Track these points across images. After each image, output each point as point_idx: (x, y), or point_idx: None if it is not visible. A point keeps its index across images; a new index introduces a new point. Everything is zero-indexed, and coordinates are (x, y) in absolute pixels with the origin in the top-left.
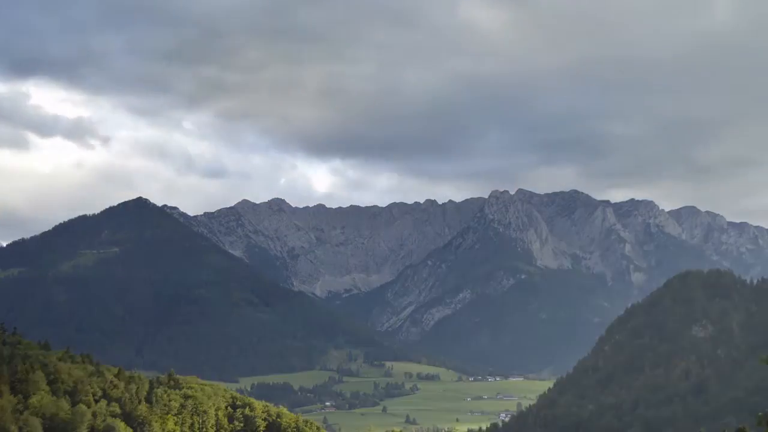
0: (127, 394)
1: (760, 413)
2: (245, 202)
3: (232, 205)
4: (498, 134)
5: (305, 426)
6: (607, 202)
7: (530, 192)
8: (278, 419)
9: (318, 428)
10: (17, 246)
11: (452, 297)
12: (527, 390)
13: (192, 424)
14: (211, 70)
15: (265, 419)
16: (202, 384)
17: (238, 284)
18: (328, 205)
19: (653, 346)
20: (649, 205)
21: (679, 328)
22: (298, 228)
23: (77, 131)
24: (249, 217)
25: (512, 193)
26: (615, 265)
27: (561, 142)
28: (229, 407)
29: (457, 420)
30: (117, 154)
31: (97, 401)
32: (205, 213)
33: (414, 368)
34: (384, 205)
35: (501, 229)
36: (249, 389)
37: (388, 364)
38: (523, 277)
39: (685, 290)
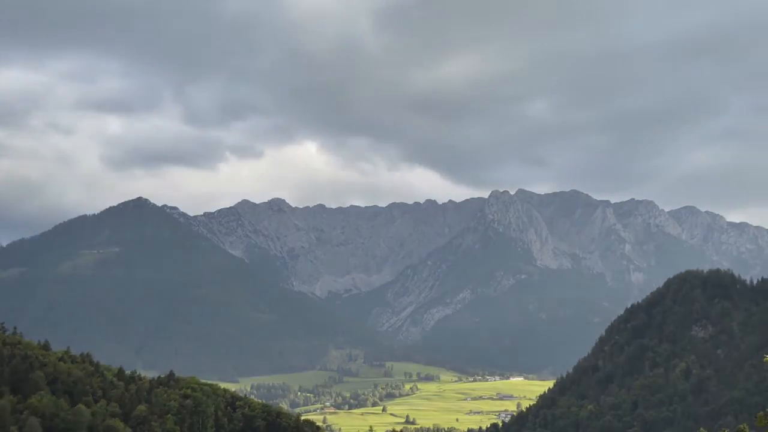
0: (127, 394)
1: (760, 413)
2: (245, 201)
3: (232, 205)
4: None
5: (305, 426)
6: (607, 202)
7: (530, 192)
8: (278, 419)
9: (318, 428)
10: (17, 246)
11: (452, 297)
12: (527, 390)
13: (191, 424)
14: None
15: (264, 419)
16: (201, 384)
17: (238, 284)
18: (327, 205)
19: (653, 346)
20: (649, 205)
21: (679, 328)
22: (298, 228)
23: None
24: (249, 217)
25: (512, 193)
26: (615, 265)
27: None
28: (228, 407)
29: (457, 420)
30: None
31: (97, 401)
32: (205, 213)
33: (414, 368)
34: (384, 205)
35: (501, 229)
36: (249, 389)
37: (388, 364)
38: (523, 277)
39: (685, 290)
